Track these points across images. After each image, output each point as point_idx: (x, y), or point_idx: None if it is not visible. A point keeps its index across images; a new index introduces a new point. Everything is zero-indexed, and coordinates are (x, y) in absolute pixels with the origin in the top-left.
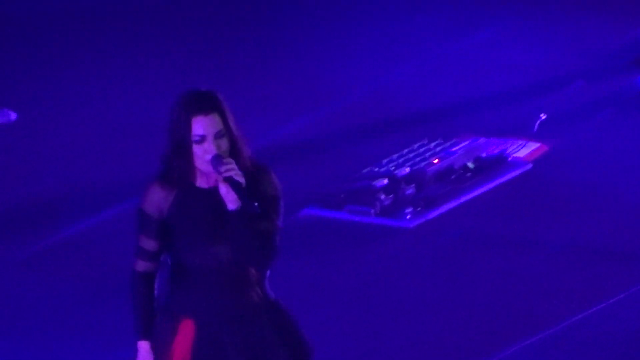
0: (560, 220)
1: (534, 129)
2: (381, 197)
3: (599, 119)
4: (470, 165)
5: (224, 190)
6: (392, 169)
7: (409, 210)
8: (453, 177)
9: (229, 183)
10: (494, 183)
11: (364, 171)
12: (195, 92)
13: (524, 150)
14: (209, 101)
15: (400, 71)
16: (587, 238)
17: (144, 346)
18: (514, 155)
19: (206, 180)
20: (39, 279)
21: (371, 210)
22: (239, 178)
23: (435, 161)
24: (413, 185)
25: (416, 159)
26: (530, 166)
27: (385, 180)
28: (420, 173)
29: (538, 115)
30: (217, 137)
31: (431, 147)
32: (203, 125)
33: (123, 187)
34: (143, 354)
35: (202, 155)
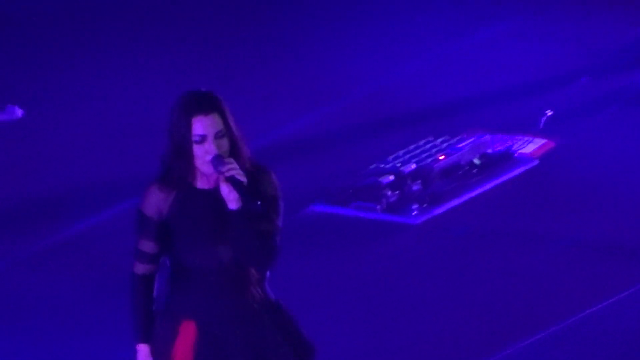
0: (566, 216)
1: (540, 126)
2: (387, 194)
3: (604, 116)
4: (476, 162)
5: (226, 190)
6: (398, 165)
7: (415, 206)
8: (459, 174)
9: (230, 183)
10: (500, 179)
11: (370, 167)
12: (195, 93)
13: (531, 146)
14: (208, 101)
15: (402, 70)
16: (593, 235)
17: (143, 349)
18: (520, 151)
19: (206, 181)
20: (39, 278)
21: (377, 207)
22: (241, 177)
23: (442, 157)
24: (419, 181)
25: (422, 156)
26: (536, 162)
27: (392, 177)
28: (427, 169)
29: (544, 112)
30: (218, 137)
31: (437, 144)
32: (203, 125)
33: (123, 187)
34: (142, 357)
35: (203, 156)
